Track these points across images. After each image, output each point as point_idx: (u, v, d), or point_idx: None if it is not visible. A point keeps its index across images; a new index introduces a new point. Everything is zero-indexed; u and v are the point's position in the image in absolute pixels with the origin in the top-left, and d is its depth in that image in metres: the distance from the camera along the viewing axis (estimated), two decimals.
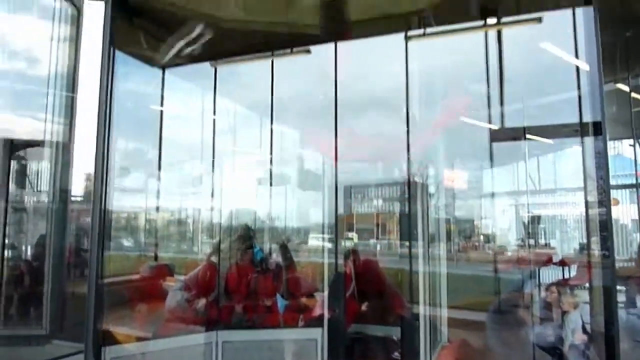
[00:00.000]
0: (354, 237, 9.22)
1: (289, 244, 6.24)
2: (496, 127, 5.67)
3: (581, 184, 4.37)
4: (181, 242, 8.12)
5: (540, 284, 5.62)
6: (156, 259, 6.35)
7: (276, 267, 5.55)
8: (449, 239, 7.99)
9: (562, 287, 4.90)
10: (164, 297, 5.08)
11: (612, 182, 3.37)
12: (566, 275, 6.01)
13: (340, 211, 6.48)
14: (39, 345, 4.47)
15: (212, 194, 6.07)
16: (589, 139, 3.36)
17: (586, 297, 4.61)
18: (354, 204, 9.45)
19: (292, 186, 7.59)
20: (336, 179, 5.34)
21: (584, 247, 6.09)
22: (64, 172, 5.11)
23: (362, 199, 9.74)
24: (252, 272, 5.35)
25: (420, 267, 4.70)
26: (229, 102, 6.43)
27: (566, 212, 9.43)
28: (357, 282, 5.16)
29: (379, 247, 9.34)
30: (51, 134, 5.07)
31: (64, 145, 4.99)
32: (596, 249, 3.46)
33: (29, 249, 5.38)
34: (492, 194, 7.21)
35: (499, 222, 8.92)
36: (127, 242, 6.58)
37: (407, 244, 5.48)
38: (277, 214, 7.76)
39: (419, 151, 5.41)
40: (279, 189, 7.28)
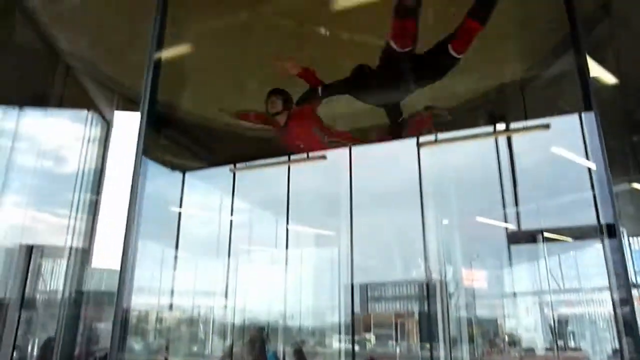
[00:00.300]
0: (372, 339, 8.80)
1: (304, 347, 5.99)
2: (513, 226, 5.63)
3: (606, 282, 4.23)
4: (192, 344, 7.83)
5: None
6: None
7: None
8: (471, 340, 7.57)
9: None
10: None
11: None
12: None
13: (356, 310, 6.29)
14: None
15: (225, 293, 5.98)
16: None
17: None
18: (371, 303, 9.16)
19: (307, 284, 7.45)
20: (352, 277, 5.24)
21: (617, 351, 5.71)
22: (80, 272, 5.12)
23: (379, 297, 9.45)
24: None
25: None
26: (246, 201, 6.57)
27: (595, 311, 8.96)
28: None
29: (398, 350, 8.85)
30: (71, 234, 5.17)
31: (83, 247, 5.05)
32: (627, 352, 3.26)
33: (37, 351, 5.23)
34: (514, 293, 6.96)
35: (524, 322, 8.48)
36: (137, 345, 6.37)
37: (427, 345, 5.21)
38: (292, 312, 7.54)
39: (436, 249, 5.35)
40: (294, 287, 7.14)
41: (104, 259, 5.03)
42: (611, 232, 3.20)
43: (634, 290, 3.14)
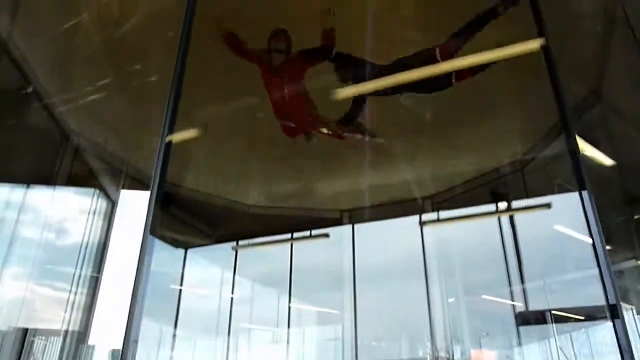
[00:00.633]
0: None
1: None
2: (520, 304, 5.49)
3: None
4: None
5: None
6: None
7: None
8: None
9: None
10: None
11: None
12: None
13: None
14: None
15: None
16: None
17: None
18: None
19: None
20: (356, 357, 5.04)
21: None
22: (75, 351, 4.95)
23: None
24: None
25: None
26: (248, 277, 6.47)
27: None
28: None
29: None
30: (70, 311, 5.05)
31: (80, 325, 4.93)
32: None
33: None
34: None
35: None
36: None
37: None
38: None
39: (442, 328, 5.18)
40: None
41: (102, 336, 4.90)
42: (614, 312, 3.13)
43: None
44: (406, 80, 3.40)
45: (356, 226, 4.85)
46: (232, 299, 5.80)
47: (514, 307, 5.50)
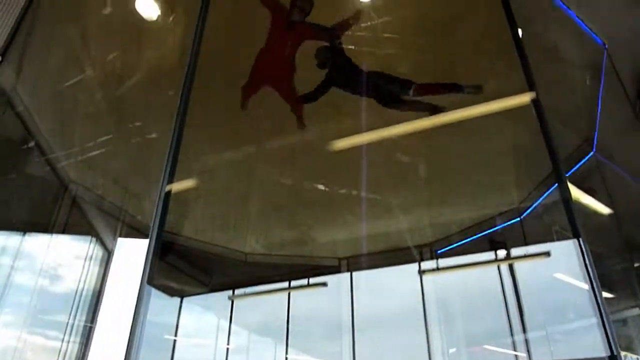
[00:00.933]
0: None
1: None
2: (523, 354, 5.34)
3: None
4: None
5: None
6: None
7: None
8: None
9: None
10: None
11: None
12: None
13: None
14: None
15: None
16: None
17: None
18: None
19: None
20: None
21: None
22: None
23: None
24: None
25: None
26: (244, 326, 6.31)
27: None
28: None
29: None
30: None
31: None
32: None
33: None
34: None
35: None
36: None
37: None
38: None
39: None
40: None
41: None
42: None
43: None
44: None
45: (355, 274, 4.80)
46: (227, 349, 5.64)
47: (516, 357, 5.35)
